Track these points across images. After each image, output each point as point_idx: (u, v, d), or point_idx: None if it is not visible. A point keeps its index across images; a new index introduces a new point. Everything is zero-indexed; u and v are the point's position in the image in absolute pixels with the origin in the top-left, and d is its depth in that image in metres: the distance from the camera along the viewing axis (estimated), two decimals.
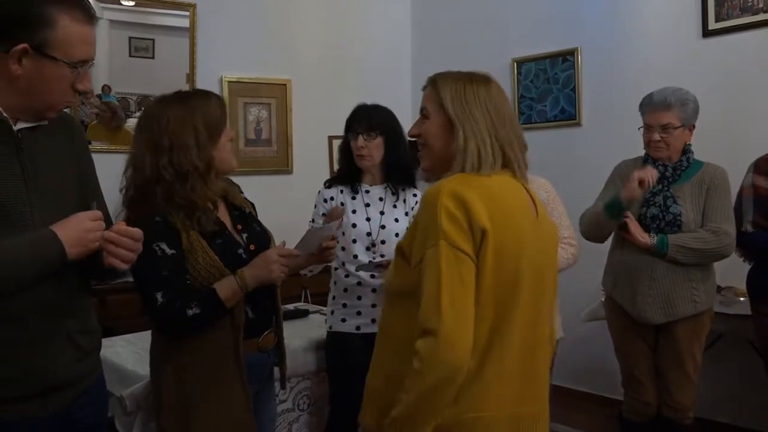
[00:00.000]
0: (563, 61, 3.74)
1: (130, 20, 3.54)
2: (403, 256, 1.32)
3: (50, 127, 1.41)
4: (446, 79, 1.40)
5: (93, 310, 1.50)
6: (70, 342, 1.36)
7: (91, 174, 1.50)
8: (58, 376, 1.34)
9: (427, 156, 1.41)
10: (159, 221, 1.59)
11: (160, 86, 3.62)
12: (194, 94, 1.74)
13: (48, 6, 1.27)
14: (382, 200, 2.34)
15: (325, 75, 3.99)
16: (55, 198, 1.35)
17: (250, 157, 3.85)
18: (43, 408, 1.33)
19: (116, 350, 2.13)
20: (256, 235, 1.76)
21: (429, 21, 4.44)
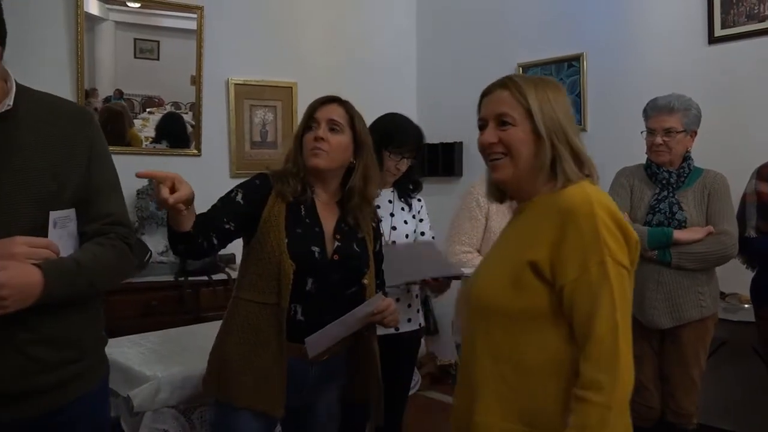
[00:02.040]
0: (569, 67, 3.75)
1: (135, 21, 3.55)
2: (537, 273, 1.21)
3: (46, 123, 1.35)
4: (527, 83, 1.31)
5: (87, 317, 1.44)
6: (20, 354, 1.30)
7: (95, 174, 1.42)
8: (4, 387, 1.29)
9: (508, 166, 1.30)
10: (259, 178, 1.75)
11: (164, 88, 3.67)
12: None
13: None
14: (391, 203, 2.37)
15: (330, 78, 3.99)
16: (13, 199, 1.29)
17: (256, 159, 3.86)
18: (2, 415, 1.30)
19: (122, 350, 2.13)
20: (349, 253, 1.77)
21: (434, 25, 4.45)
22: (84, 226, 1.38)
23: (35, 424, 1.35)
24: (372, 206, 1.89)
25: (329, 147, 1.74)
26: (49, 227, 1.31)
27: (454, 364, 4.05)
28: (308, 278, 1.69)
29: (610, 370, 1.13)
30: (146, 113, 3.62)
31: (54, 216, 1.31)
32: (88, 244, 1.38)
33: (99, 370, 1.49)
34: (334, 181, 1.82)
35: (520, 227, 1.33)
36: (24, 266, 1.22)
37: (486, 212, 2.34)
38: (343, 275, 1.74)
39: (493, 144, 1.31)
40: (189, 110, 3.71)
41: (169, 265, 3.38)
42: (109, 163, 1.47)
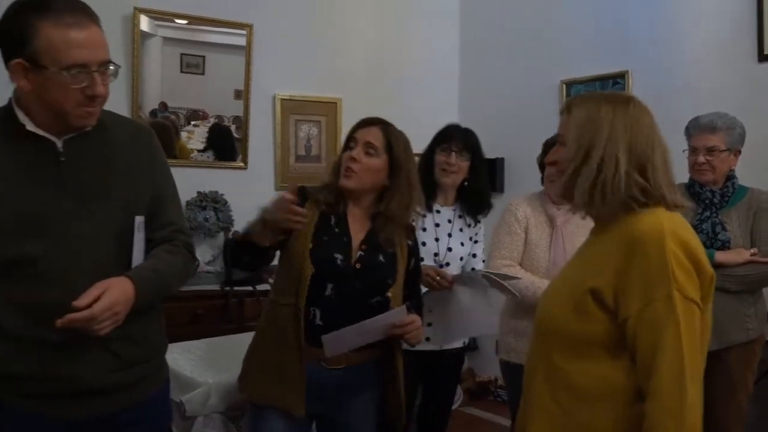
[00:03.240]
0: (613, 84, 3.73)
1: (182, 37, 3.68)
2: (599, 300, 1.17)
3: (121, 137, 1.47)
4: (583, 102, 1.31)
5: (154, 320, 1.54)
6: (105, 350, 1.40)
7: (161, 186, 1.53)
8: (87, 382, 1.38)
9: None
10: (302, 189, 1.81)
11: (209, 102, 3.79)
12: None
13: (28, 17, 1.29)
14: (451, 222, 2.40)
15: (374, 94, 4.06)
16: (96, 206, 1.40)
17: (300, 172, 3.94)
18: (79, 411, 1.39)
19: (174, 357, 2.19)
20: (373, 263, 1.81)
21: (477, 42, 4.48)
22: (151, 233, 1.48)
23: (104, 422, 1.43)
24: (406, 228, 1.90)
25: (360, 168, 1.80)
26: (135, 230, 1.43)
27: (494, 380, 4.03)
28: (328, 283, 1.75)
29: (677, 415, 1.08)
30: (191, 126, 3.73)
31: (138, 220, 1.43)
32: (159, 251, 1.47)
33: (163, 373, 1.58)
34: (366, 200, 1.87)
35: (590, 250, 1.30)
36: (120, 282, 1.34)
37: (525, 226, 2.35)
38: (365, 284, 1.78)
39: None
40: (232, 123, 3.81)
41: (215, 275, 3.47)
42: (170, 175, 1.58)
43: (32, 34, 1.28)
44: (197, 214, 3.53)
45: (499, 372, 2.61)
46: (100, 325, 1.28)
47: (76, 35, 1.29)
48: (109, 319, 1.29)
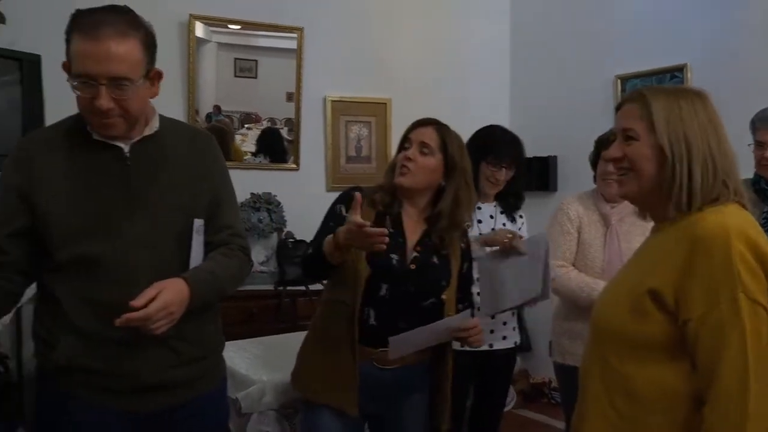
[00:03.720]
0: (671, 78, 3.61)
1: (236, 42, 3.75)
2: (658, 302, 1.13)
3: (181, 143, 1.52)
4: (657, 94, 1.23)
5: (212, 320, 1.59)
6: (164, 348, 1.45)
7: (219, 190, 1.58)
8: (147, 378, 1.44)
9: (631, 182, 1.24)
10: (354, 191, 1.81)
11: (261, 105, 3.85)
12: None
13: (70, 26, 1.36)
14: (493, 218, 2.39)
15: (423, 94, 4.06)
16: (158, 209, 1.45)
17: (350, 173, 3.97)
18: (141, 405, 1.45)
19: (229, 355, 2.24)
20: (427, 264, 1.82)
21: (528, 39, 4.42)
22: (209, 236, 1.52)
23: (165, 416, 1.48)
24: (461, 229, 1.90)
25: (415, 167, 1.81)
26: (194, 233, 1.47)
27: (548, 382, 3.97)
28: (383, 284, 1.75)
29: (736, 426, 1.03)
30: (244, 129, 3.81)
31: (197, 223, 1.47)
32: (216, 254, 1.51)
33: (220, 370, 1.63)
34: (421, 200, 1.87)
35: (650, 249, 1.25)
36: (176, 283, 1.38)
37: (578, 226, 2.31)
38: (419, 286, 1.78)
39: (617, 159, 1.26)
40: (284, 126, 3.87)
41: (269, 275, 3.54)
42: (228, 180, 1.62)
43: (69, 41, 1.36)
44: (251, 216, 3.60)
45: (553, 374, 2.57)
46: (156, 324, 1.32)
47: (88, 47, 1.32)
48: (165, 318, 1.33)
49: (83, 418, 1.44)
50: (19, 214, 1.41)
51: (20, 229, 1.41)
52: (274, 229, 3.67)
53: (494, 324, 2.33)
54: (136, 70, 1.37)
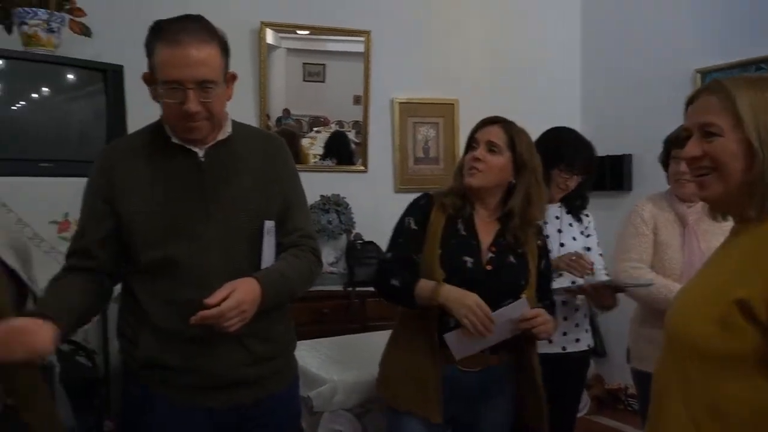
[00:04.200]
0: (756, 69, 3.42)
1: (304, 47, 3.82)
2: (747, 313, 1.02)
3: (253, 147, 1.56)
4: (739, 84, 1.12)
5: (283, 320, 1.62)
6: (239, 346, 1.49)
7: (289, 192, 1.61)
8: (222, 375, 1.48)
9: (715, 183, 1.13)
10: (423, 198, 1.84)
11: (329, 108, 3.90)
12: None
13: (151, 36, 1.43)
14: (558, 218, 2.33)
15: (491, 93, 4.01)
16: (231, 211, 1.50)
17: (418, 174, 3.97)
18: (217, 402, 1.49)
19: (301, 354, 2.28)
20: (504, 264, 1.80)
21: (600, 34, 4.28)
22: (280, 237, 1.56)
23: (239, 413, 1.53)
24: (535, 226, 1.87)
25: (485, 167, 1.78)
26: (264, 234, 1.51)
27: (624, 388, 3.84)
28: (460, 287, 1.72)
29: None
30: (313, 132, 3.87)
31: (268, 225, 1.51)
32: (287, 255, 1.55)
33: (292, 369, 1.66)
34: (492, 200, 1.85)
35: (733, 254, 1.13)
36: (248, 283, 1.42)
37: (653, 226, 2.22)
38: (497, 286, 1.75)
39: (696, 158, 1.14)
40: (352, 128, 3.90)
41: (338, 276, 3.58)
42: (299, 182, 1.65)
43: (152, 51, 1.42)
44: (320, 217, 3.66)
45: (629, 379, 2.49)
46: (229, 323, 1.36)
47: (174, 54, 1.38)
48: (237, 316, 1.37)
49: (164, 414, 1.50)
50: (106, 220, 1.48)
51: (108, 234, 1.48)
52: (343, 230, 3.72)
53: (567, 326, 2.27)
54: (218, 73, 1.44)
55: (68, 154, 2.49)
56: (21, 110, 2.50)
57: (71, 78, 2.60)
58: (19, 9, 2.55)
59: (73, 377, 1.91)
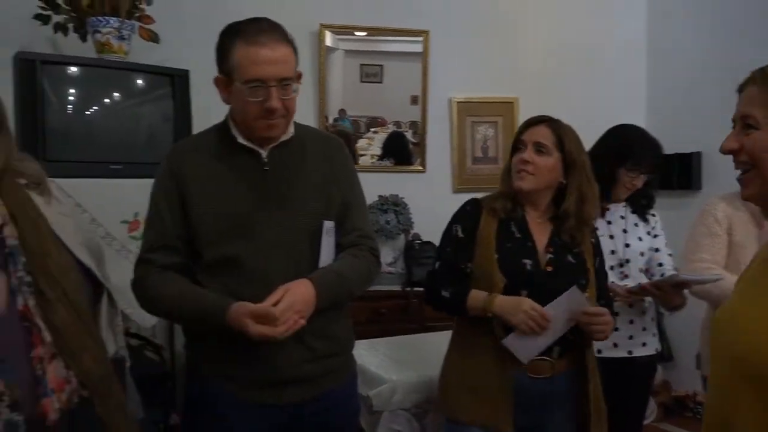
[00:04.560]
0: None
1: (361, 49, 3.84)
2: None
3: (314, 148, 1.58)
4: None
5: (342, 318, 1.64)
6: (300, 344, 1.50)
7: (349, 193, 1.62)
8: (284, 372, 1.50)
9: (754, 181, 1.05)
10: (470, 204, 1.82)
11: (386, 108, 3.91)
12: None
13: (226, 38, 1.47)
14: (624, 218, 2.26)
15: (552, 91, 3.93)
16: (292, 211, 1.52)
17: (477, 174, 3.94)
18: (278, 397, 1.51)
19: (360, 353, 2.29)
20: (563, 264, 1.77)
21: (668, 29, 4.12)
22: (340, 238, 1.57)
23: (299, 409, 1.55)
24: (590, 226, 1.83)
25: (534, 169, 1.74)
26: (323, 234, 1.53)
27: (693, 395, 3.69)
28: (522, 291, 1.70)
29: None
30: (371, 133, 3.89)
31: (326, 225, 1.53)
32: (345, 255, 1.56)
33: (351, 367, 1.68)
34: (543, 201, 1.81)
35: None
36: (301, 284, 1.44)
37: (727, 227, 2.13)
38: (559, 287, 1.70)
39: (733, 152, 1.06)
40: (409, 128, 3.90)
41: (396, 276, 3.59)
42: (358, 182, 1.66)
43: (228, 53, 1.46)
44: (379, 218, 3.67)
45: (698, 386, 2.39)
46: (285, 323, 1.39)
47: (256, 53, 1.43)
48: (292, 318, 1.40)
49: (225, 408, 1.53)
50: (177, 218, 1.53)
51: (181, 230, 1.53)
52: (401, 230, 3.72)
53: (633, 329, 2.20)
54: (294, 72, 1.49)
55: (137, 157, 2.59)
56: (94, 115, 2.61)
57: (140, 83, 2.70)
58: (92, 18, 2.66)
59: (141, 372, 1.98)
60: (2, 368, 1.16)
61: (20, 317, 1.22)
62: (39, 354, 1.21)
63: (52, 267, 1.29)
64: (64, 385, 1.24)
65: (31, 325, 1.23)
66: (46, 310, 1.24)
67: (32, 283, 1.25)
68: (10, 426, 1.14)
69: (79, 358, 1.27)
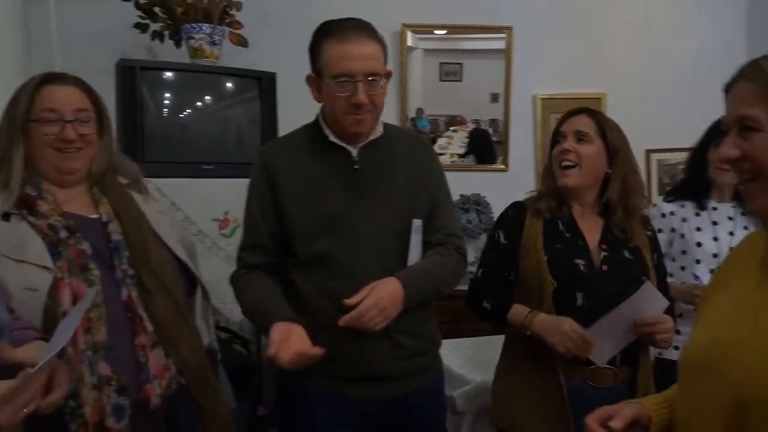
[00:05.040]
0: None
1: (441, 47, 3.81)
2: None
3: (402, 147, 1.60)
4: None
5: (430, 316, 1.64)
6: (389, 340, 1.52)
7: (436, 192, 1.63)
8: (373, 368, 1.52)
9: (758, 193, 0.92)
10: (512, 208, 1.77)
11: (465, 107, 3.87)
12: None
13: (318, 37, 1.51)
14: (732, 220, 2.13)
15: (641, 87, 3.78)
16: (382, 209, 1.53)
17: None
18: (369, 393, 1.53)
19: (444, 353, 2.28)
20: (620, 261, 1.68)
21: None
22: (427, 236, 1.58)
23: (388, 407, 1.57)
24: (638, 216, 1.73)
25: (577, 158, 1.66)
26: (412, 232, 1.55)
27: None
28: (577, 293, 1.62)
29: None
30: (450, 131, 3.86)
31: (415, 223, 1.54)
32: (433, 253, 1.57)
33: (437, 366, 1.68)
34: (590, 195, 1.72)
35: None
36: (388, 282, 1.46)
37: None
38: (617, 287, 1.62)
39: (734, 161, 0.93)
40: (489, 127, 3.84)
41: None
42: (445, 181, 1.67)
43: (319, 50, 1.50)
44: (460, 217, 3.65)
45: None
46: (371, 322, 1.41)
47: (345, 49, 1.46)
48: (378, 315, 1.42)
49: (315, 401, 1.57)
50: (271, 216, 1.58)
51: (274, 229, 1.58)
52: (483, 229, 3.68)
53: None
54: (382, 68, 1.52)
55: (227, 157, 2.69)
56: (187, 117, 2.73)
57: (230, 86, 2.80)
58: (186, 25, 2.79)
59: (229, 364, 2.05)
60: (110, 355, 1.23)
61: (124, 308, 1.30)
62: (142, 342, 1.29)
63: (153, 261, 1.36)
64: (164, 372, 1.31)
65: (134, 315, 1.30)
66: (147, 301, 1.31)
67: (135, 275, 1.33)
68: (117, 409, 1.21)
69: (177, 346, 1.34)
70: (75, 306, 1.20)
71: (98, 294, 1.25)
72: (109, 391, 1.21)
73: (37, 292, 1.26)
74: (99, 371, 1.20)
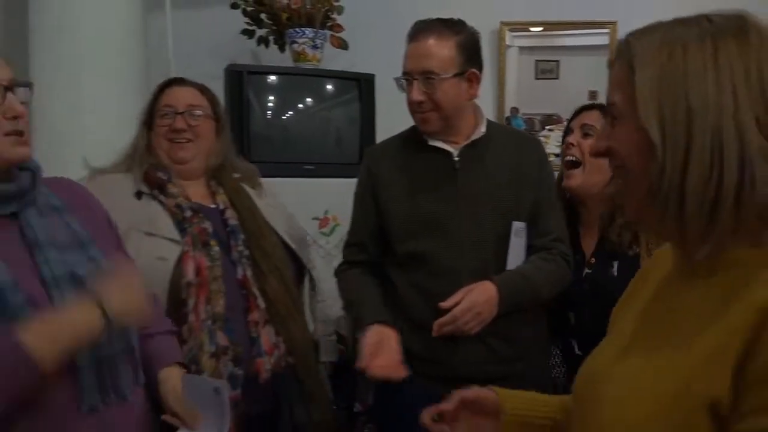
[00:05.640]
0: None
1: (537, 45, 3.75)
2: (716, 415, 0.70)
3: (507, 148, 1.59)
4: (644, 37, 0.77)
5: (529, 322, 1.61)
6: (482, 344, 1.51)
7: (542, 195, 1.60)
8: (463, 370, 1.50)
9: (623, 189, 0.79)
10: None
11: (561, 105, 3.74)
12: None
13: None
14: None
15: None
16: (482, 209, 1.53)
17: None
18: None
19: None
20: (602, 280, 1.61)
21: None
22: (531, 240, 1.55)
23: None
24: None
25: (581, 153, 1.60)
26: (511, 235, 1.54)
27: None
28: (569, 312, 1.60)
29: None
30: (546, 131, 3.77)
31: (516, 226, 1.53)
32: (535, 258, 1.55)
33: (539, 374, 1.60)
34: (596, 200, 1.63)
35: (687, 315, 0.74)
36: (483, 286, 1.46)
37: None
38: (593, 308, 1.52)
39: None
40: None
41: None
42: (552, 183, 1.64)
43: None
44: None
45: None
46: (466, 326, 1.40)
47: (408, 48, 1.52)
48: (473, 319, 1.41)
49: (412, 397, 1.57)
50: (373, 216, 1.62)
51: (374, 228, 1.62)
52: None
53: None
54: (445, 66, 1.50)
55: (327, 158, 2.76)
56: (289, 119, 2.83)
57: (330, 88, 2.88)
58: (290, 30, 2.90)
59: None
60: (227, 327, 1.31)
61: (239, 286, 1.38)
62: (255, 318, 1.36)
63: (266, 244, 1.44)
64: (273, 349, 1.38)
65: (248, 293, 1.38)
66: (260, 280, 1.39)
67: (250, 256, 1.41)
68: (232, 378, 1.28)
69: (287, 326, 1.40)
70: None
71: (217, 268, 1.33)
72: (225, 360, 1.28)
73: (167, 261, 1.37)
74: (217, 340, 1.28)
